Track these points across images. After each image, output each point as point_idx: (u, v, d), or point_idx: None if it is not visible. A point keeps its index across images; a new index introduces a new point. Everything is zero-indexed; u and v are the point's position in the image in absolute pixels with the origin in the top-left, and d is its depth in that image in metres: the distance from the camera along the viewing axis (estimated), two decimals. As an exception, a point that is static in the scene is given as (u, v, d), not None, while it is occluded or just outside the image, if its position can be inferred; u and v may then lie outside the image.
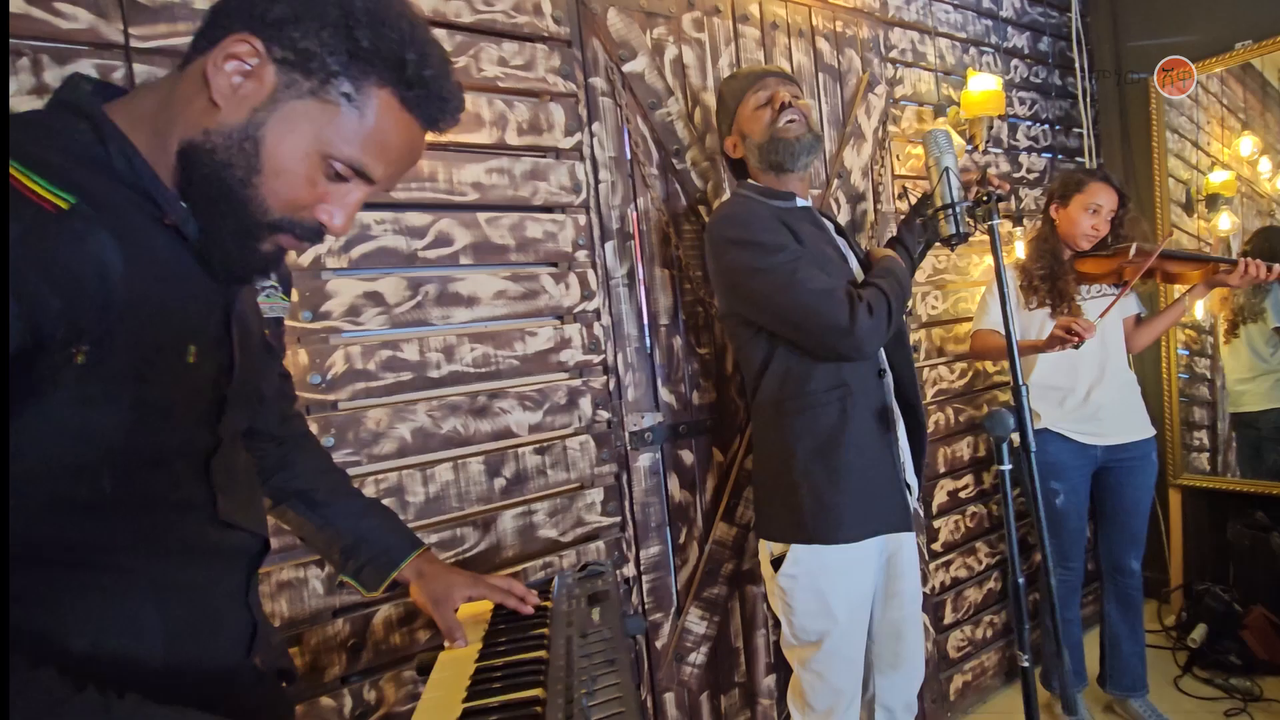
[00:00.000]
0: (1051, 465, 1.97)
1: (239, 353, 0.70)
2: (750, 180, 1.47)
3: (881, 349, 1.39)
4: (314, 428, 1.19)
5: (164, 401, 0.61)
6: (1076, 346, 1.68)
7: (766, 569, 1.42)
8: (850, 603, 1.36)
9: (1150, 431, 2.04)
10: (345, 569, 0.99)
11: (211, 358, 0.67)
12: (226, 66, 0.59)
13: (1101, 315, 1.79)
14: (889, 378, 1.41)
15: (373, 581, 0.98)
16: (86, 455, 0.56)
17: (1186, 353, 2.73)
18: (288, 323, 1.18)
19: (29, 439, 0.53)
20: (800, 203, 1.42)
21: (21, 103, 1.00)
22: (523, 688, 0.78)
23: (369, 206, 1.27)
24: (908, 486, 1.41)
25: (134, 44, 1.06)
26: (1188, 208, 2.76)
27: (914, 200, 1.55)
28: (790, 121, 1.36)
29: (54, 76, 1.02)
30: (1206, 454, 2.70)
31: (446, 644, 0.94)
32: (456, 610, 0.98)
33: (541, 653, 0.86)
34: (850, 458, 1.31)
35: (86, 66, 1.04)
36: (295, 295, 1.18)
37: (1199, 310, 2.70)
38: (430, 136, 0.77)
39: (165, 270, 0.61)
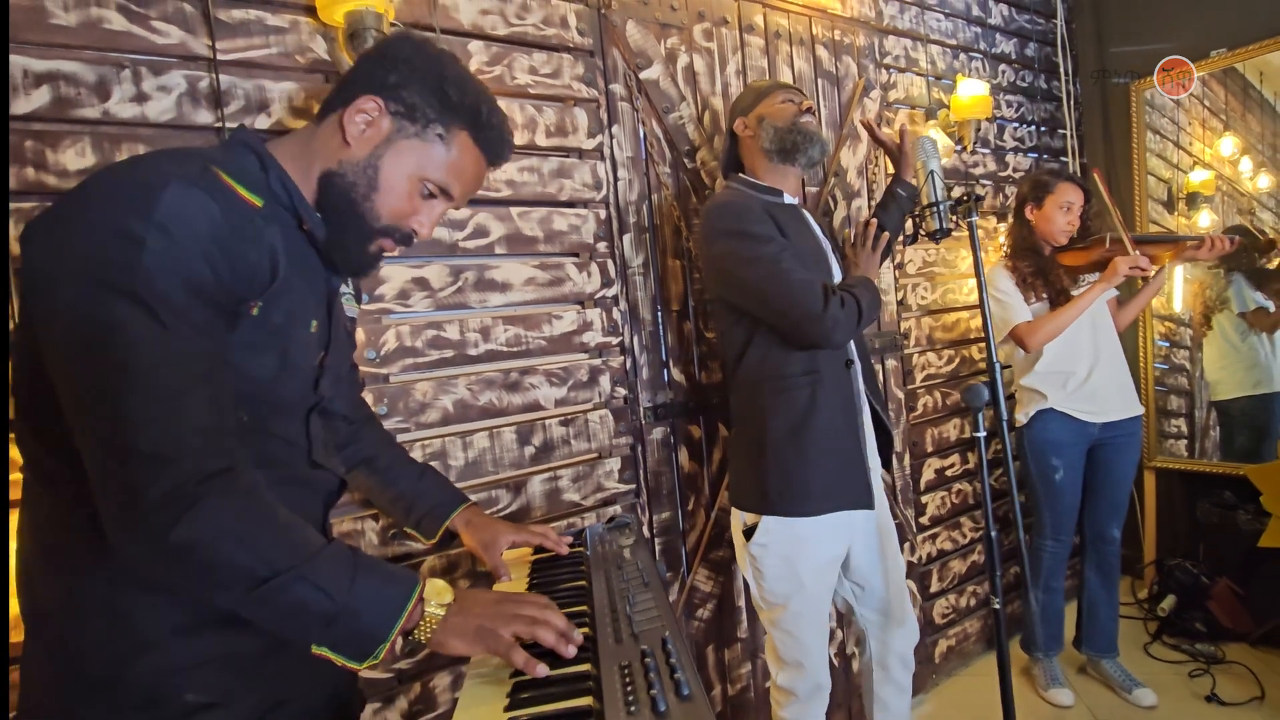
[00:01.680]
0: (1054, 443, 2.13)
1: (334, 333, 0.91)
2: (742, 174, 1.59)
3: (853, 344, 1.53)
4: (369, 398, 1.35)
5: (295, 360, 0.81)
6: (1146, 280, 1.95)
7: (738, 537, 1.55)
8: (815, 569, 1.49)
9: (1140, 409, 2.21)
10: (407, 522, 1.16)
11: (321, 333, 0.87)
12: (357, 119, 0.83)
13: (1155, 271, 2.04)
14: (857, 368, 1.54)
15: (430, 530, 1.15)
16: (241, 389, 0.75)
17: (1167, 344, 2.89)
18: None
19: (229, 371, 0.73)
20: (787, 199, 1.56)
21: (124, 109, 1.14)
22: (571, 606, 0.93)
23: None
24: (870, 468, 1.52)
25: (219, 57, 1.21)
26: (1169, 206, 2.91)
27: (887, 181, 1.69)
28: (808, 121, 1.52)
29: (150, 85, 1.16)
30: (1184, 441, 2.85)
31: (496, 583, 1.10)
32: (502, 553, 1.14)
33: (582, 582, 1.02)
34: (818, 438, 1.44)
35: (178, 77, 1.18)
36: (356, 307, 1.34)
37: (1177, 303, 2.87)
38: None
39: (302, 263, 0.83)
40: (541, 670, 0.75)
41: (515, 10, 1.54)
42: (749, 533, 1.49)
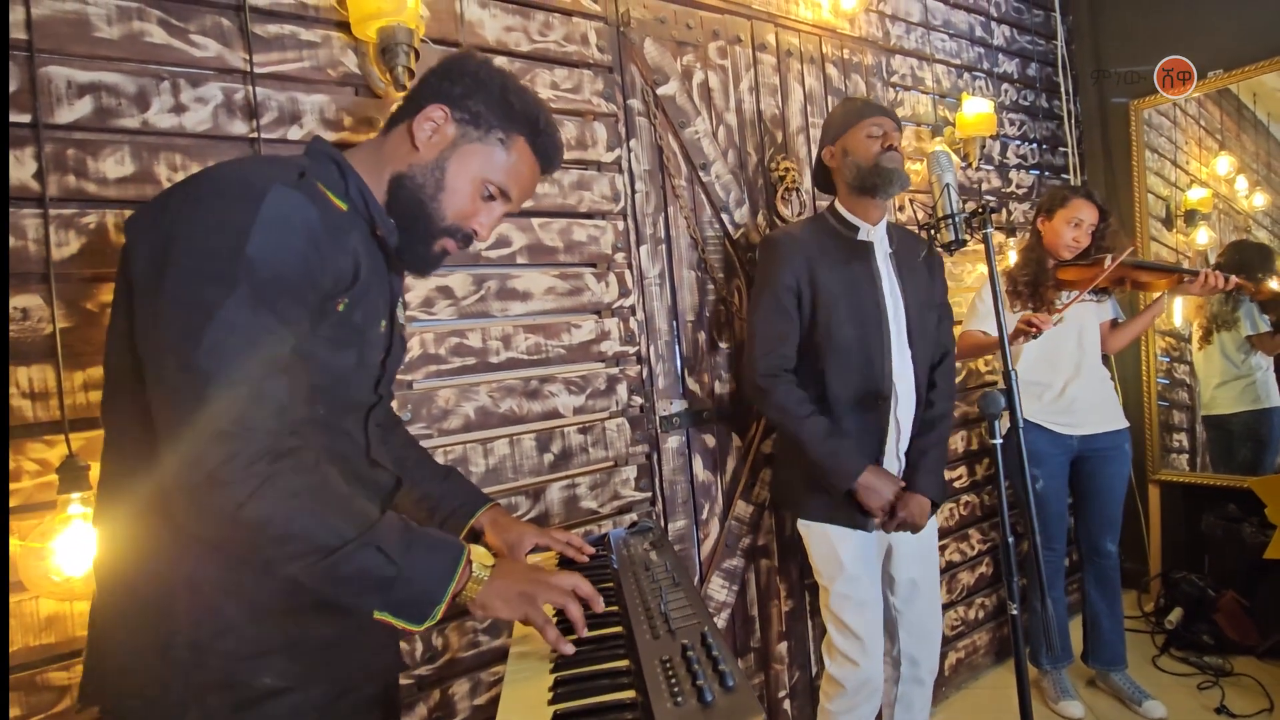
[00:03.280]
0: (1031, 454, 2.14)
1: (394, 337, 0.95)
2: (837, 202, 1.65)
3: (895, 377, 1.57)
4: (393, 404, 1.36)
5: (368, 358, 0.86)
6: (1034, 337, 1.84)
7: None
8: (852, 551, 1.57)
9: (1123, 423, 2.22)
10: (431, 522, 1.17)
11: (388, 333, 0.92)
12: (425, 125, 0.89)
13: (1061, 309, 1.97)
14: (895, 404, 1.57)
15: (454, 530, 1.16)
16: (321, 383, 0.79)
17: (1167, 359, 2.92)
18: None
19: (309, 366, 0.77)
20: (862, 236, 1.60)
21: (162, 119, 1.17)
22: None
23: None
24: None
25: (255, 70, 1.24)
26: (1167, 222, 2.95)
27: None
28: (894, 161, 1.54)
29: (189, 97, 1.19)
30: (1185, 455, 2.88)
31: None
32: (527, 554, 1.15)
33: (610, 583, 1.03)
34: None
35: (214, 89, 1.21)
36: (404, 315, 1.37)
37: (1177, 318, 2.91)
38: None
39: (374, 266, 0.88)
40: (568, 649, 0.83)
41: (538, 27, 1.58)
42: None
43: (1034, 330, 1.82)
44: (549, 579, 0.86)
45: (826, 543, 1.57)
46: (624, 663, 0.79)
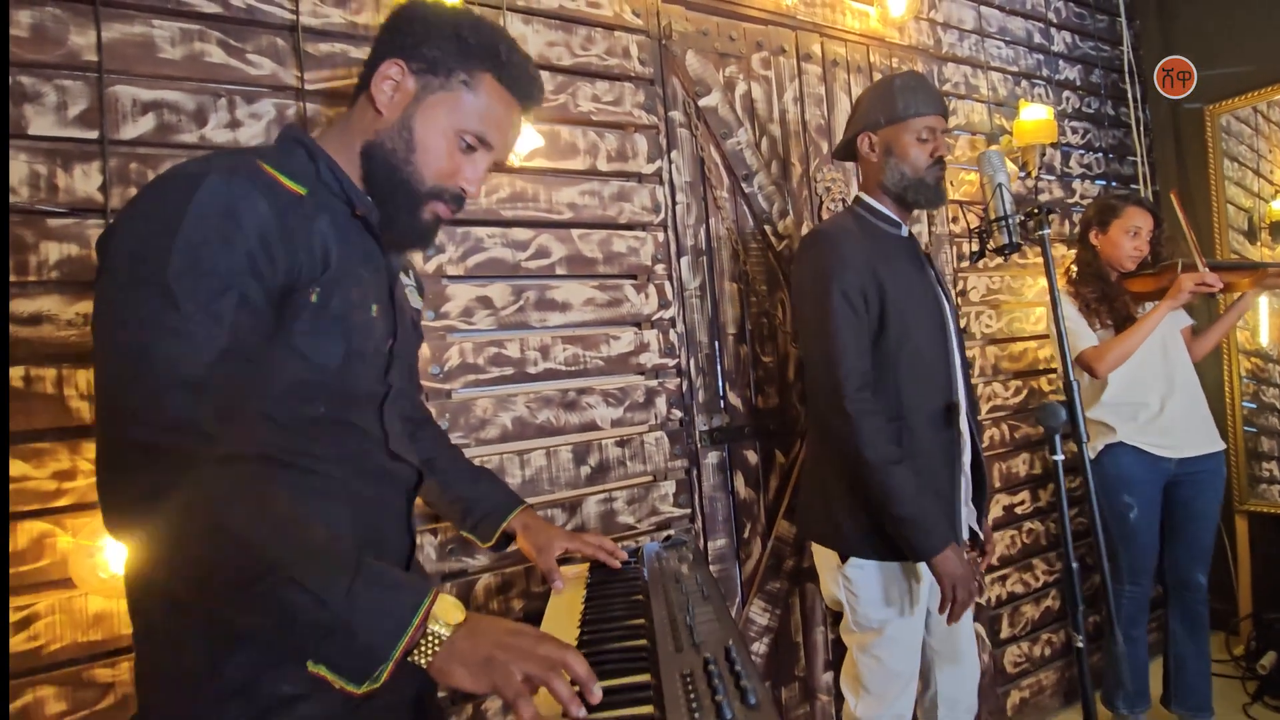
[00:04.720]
0: (1125, 479, 2.00)
1: (399, 320, 0.91)
2: (867, 197, 1.51)
3: (959, 382, 1.45)
4: (432, 411, 1.37)
5: (361, 347, 0.81)
6: (1214, 295, 1.83)
7: (823, 558, 1.50)
8: (909, 592, 1.44)
9: (1221, 445, 2.06)
10: (464, 525, 1.16)
11: (384, 318, 0.87)
12: (384, 85, 0.84)
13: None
14: (962, 409, 1.44)
15: (486, 533, 1.15)
16: (313, 378, 0.76)
17: (1254, 382, 2.71)
18: (414, 320, 1.37)
19: (279, 365, 0.73)
20: (904, 232, 1.50)
21: (218, 134, 1.22)
22: (628, 618, 0.92)
23: (482, 223, 1.46)
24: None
25: (306, 86, 1.29)
26: (1250, 235, 2.77)
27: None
28: (938, 175, 1.44)
29: (244, 113, 1.24)
30: (1278, 486, 2.65)
31: (554, 589, 1.09)
32: (555, 557, 1.13)
33: (639, 595, 1.00)
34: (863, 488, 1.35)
35: (268, 105, 1.26)
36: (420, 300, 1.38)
37: (1263, 337, 2.70)
38: (536, 163, 0.94)
39: (356, 249, 0.84)
40: None
41: (580, 42, 1.60)
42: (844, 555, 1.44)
43: (1214, 288, 1.83)
44: (531, 645, 0.67)
45: (880, 585, 1.41)
46: (645, 676, 0.75)
